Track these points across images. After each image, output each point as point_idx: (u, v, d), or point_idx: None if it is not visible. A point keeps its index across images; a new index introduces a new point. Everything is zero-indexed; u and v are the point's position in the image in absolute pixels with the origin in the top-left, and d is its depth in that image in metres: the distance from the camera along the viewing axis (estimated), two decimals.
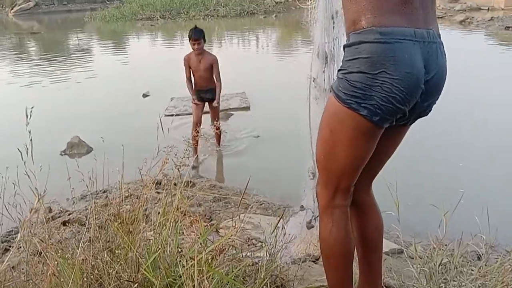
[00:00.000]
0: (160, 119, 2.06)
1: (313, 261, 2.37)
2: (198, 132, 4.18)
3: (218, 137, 5.32)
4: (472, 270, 1.80)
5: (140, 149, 2.76)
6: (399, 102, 1.26)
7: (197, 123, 5.03)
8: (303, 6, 2.33)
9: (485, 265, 1.83)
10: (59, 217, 4.08)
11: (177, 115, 6.33)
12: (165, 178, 2.00)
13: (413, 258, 1.97)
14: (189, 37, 4.89)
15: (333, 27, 2.18)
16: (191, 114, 5.44)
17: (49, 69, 10.89)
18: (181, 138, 2.44)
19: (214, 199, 4.15)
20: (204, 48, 5.01)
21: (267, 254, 2.01)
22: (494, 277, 1.71)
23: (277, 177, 4.75)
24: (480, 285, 1.70)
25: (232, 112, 6.84)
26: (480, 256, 1.89)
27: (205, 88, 5.08)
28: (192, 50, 4.93)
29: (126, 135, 5.61)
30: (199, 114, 5.08)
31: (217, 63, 5.04)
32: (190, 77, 5.07)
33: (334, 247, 1.44)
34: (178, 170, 1.81)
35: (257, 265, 1.67)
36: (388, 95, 1.24)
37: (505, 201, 3.69)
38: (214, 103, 5.10)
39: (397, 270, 1.90)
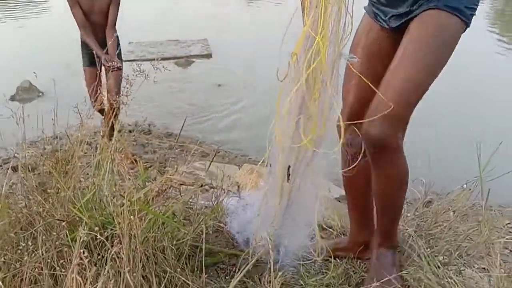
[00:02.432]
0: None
1: None
2: (101, 100, 2.30)
3: (109, 117, 2.24)
4: (408, 212, 1.86)
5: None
6: None
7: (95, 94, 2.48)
8: None
9: (423, 207, 1.90)
10: (6, 163, 3.95)
11: (134, 60, 6.10)
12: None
13: None
14: None
15: None
16: (150, 60, 5.16)
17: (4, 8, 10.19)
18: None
19: (170, 146, 4.11)
20: None
21: (213, 197, 2.02)
22: (429, 218, 1.77)
23: (235, 127, 4.73)
24: (416, 225, 1.76)
25: (193, 60, 6.66)
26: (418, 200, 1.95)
27: (101, 42, 3.42)
28: None
29: (79, 79, 5.38)
30: (93, 81, 3.04)
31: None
32: (85, 21, 3.41)
33: (404, 178, 1.40)
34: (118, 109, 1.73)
35: (196, 208, 1.66)
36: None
37: (447, 147, 3.77)
38: (110, 63, 3.26)
39: (339, 213, 1.94)
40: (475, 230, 1.60)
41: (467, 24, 1.31)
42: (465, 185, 1.81)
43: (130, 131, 4.43)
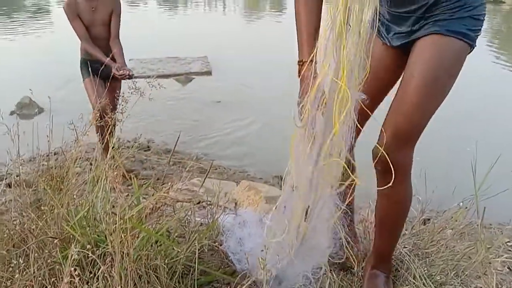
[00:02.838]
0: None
1: None
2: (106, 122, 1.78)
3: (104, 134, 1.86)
4: (406, 230, 1.85)
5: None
6: None
7: (99, 110, 2.13)
8: None
9: (419, 225, 1.88)
10: (4, 179, 3.95)
11: (135, 77, 6.13)
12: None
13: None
14: None
15: None
16: (149, 76, 5.14)
17: (4, 23, 10.31)
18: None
19: (168, 163, 4.10)
20: None
21: (209, 214, 2.01)
22: (426, 236, 1.76)
23: (235, 143, 4.73)
24: (412, 243, 1.75)
25: (193, 77, 6.70)
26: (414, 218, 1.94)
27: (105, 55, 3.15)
28: None
29: (80, 96, 5.41)
30: (99, 93, 3.06)
31: (120, 9, 3.32)
32: (87, 33, 3.24)
33: (410, 202, 1.42)
34: (114, 127, 1.73)
35: (191, 226, 1.65)
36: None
37: (441, 165, 3.76)
38: (122, 71, 3.15)
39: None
40: (472, 249, 1.59)
41: (471, 46, 1.30)
42: (461, 203, 1.80)
43: (128, 147, 4.43)
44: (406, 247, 1.69)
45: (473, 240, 1.74)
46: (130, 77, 3.21)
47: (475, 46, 1.30)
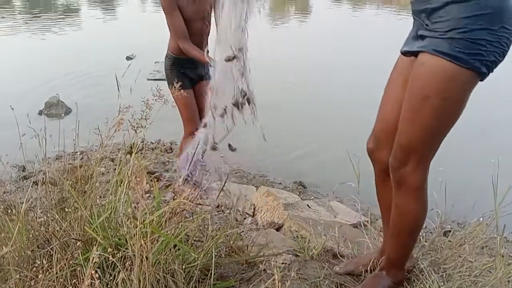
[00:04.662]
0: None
1: (276, 229, 2.40)
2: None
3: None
4: (425, 242, 1.83)
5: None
6: (504, 56, 1.27)
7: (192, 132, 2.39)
8: None
9: (438, 239, 1.86)
10: (32, 176, 4.07)
11: (160, 79, 6.24)
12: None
13: (367, 229, 2.00)
14: None
15: None
16: None
17: (34, 25, 10.62)
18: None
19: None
20: None
21: (229, 219, 2.03)
22: (444, 251, 1.74)
23: (255, 147, 4.75)
24: (430, 258, 1.74)
25: None
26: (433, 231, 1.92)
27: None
28: None
29: (105, 97, 5.53)
30: (194, 113, 2.81)
31: None
32: (186, 29, 2.67)
33: (422, 220, 1.45)
34: (135, 132, 1.78)
35: (209, 230, 1.68)
36: (503, 50, 1.24)
37: (460, 177, 3.69)
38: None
39: (353, 240, 1.93)
40: (491, 264, 1.57)
41: (476, 71, 1.23)
42: (481, 218, 1.77)
43: (152, 149, 4.51)
44: (424, 261, 1.68)
45: (492, 255, 1.72)
46: None
47: (484, 71, 1.24)
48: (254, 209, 2.89)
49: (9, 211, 1.42)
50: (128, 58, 7.71)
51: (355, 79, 6.64)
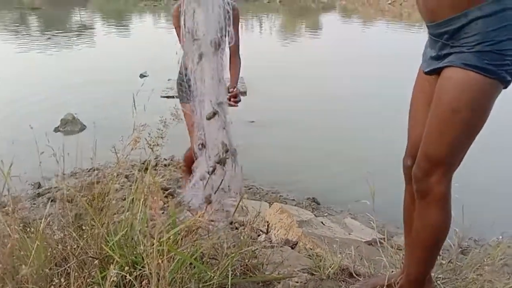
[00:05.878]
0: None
1: (291, 247, 2.38)
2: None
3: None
4: (442, 261, 1.80)
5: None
6: None
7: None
8: None
9: (456, 258, 1.83)
10: (48, 193, 4.11)
11: (174, 97, 6.29)
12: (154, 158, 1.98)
13: (383, 247, 1.97)
14: None
15: None
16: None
17: (49, 45, 10.84)
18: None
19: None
20: None
21: (243, 237, 2.02)
22: (463, 270, 1.71)
23: (268, 163, 4.76)
24: (449, 278, 1.70)
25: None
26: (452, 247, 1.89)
27: None
28: None
29: (119, 114, 5.60)
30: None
31: (238, 18, 2.70)
32: None
33: (446, 231, 1.45)
34: (152, 150, 1.80)
35: (224, 248, 1.67)
36: None
37: (484, 194, 3.64)
38: (234, 99, 2.69)
39: (369, 258, 1.90)
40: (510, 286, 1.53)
41: (502, 81, 1.27)
42: (501, 237, 1.74)
43: (165, 165, 4.53)
44: (444, 283, 1.65)
45: None
46: (236, 102, 2.70)
47: (509, 79, 1.28)
48: (267, 226, 2.88)
49: (28, 229, 1.43)
50: (142, 75, 7.81)
51: (370, 101, 6.64)
